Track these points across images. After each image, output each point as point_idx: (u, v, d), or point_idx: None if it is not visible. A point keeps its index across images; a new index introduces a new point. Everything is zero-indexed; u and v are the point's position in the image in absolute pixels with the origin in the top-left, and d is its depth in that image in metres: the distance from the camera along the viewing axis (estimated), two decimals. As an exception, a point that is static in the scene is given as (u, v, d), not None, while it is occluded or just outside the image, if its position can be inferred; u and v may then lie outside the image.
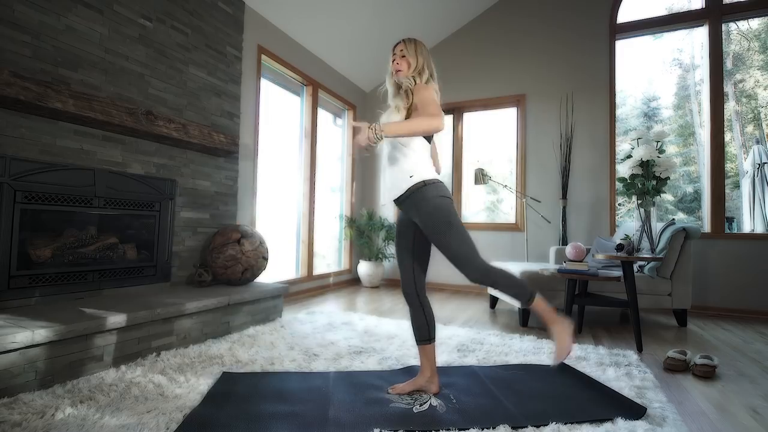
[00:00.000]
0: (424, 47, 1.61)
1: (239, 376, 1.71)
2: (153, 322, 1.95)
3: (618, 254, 2.40)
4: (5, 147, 1.85)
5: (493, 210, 6.38)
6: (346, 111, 4.95)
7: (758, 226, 4.41)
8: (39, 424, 1.22)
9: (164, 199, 2.56)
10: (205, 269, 2.66)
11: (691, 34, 8.95)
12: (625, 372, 1.86)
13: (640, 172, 2.71)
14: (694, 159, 9.54)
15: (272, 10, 3.45)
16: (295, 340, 2.27)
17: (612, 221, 3.92)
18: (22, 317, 1.67)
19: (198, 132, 2.64)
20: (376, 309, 3.35)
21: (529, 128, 4.34)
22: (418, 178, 1.48)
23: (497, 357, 2.08)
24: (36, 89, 1.82)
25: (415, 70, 1.57)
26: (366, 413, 1.39)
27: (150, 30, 2.51)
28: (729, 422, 1.43)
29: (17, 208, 1.87)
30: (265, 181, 3.59)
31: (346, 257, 4.88)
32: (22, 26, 1.91)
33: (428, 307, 1.62)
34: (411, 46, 1.59)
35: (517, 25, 4.44)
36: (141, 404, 1.40)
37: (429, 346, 1.60)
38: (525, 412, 1.42)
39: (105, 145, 2.26)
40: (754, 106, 8.62)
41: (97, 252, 2.25)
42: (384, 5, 3.88)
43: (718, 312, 3.51)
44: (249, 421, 1.31)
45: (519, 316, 2.87)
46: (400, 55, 1.59)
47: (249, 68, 3.33)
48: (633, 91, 10.32)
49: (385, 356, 2.04)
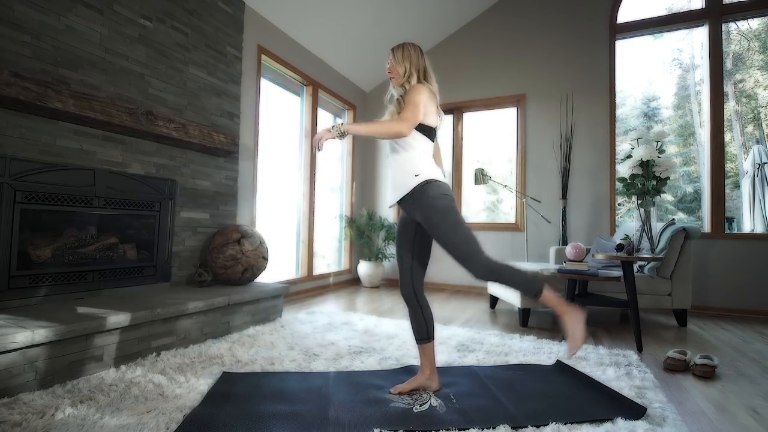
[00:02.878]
0: (412, 49, 1.61)
1: (239, 376, 1.71)
2: (153, 322, 1.95)
3: (618, 254, 2.40)
4: (5, 147, 1.85)
5: (493, 210, 6.38)
6: (346, 111, 4.95)
7: (758, 226, 4.42)
8: (39, 424, 1.22)
9: (164, 199, 2.56)
10: (205, 269, 2.66)
11: (691, 34, 8.96)
12: (625, 372, 1.86)
13: (640, 172, 2.71)
14: (694, 159, 9.54)
15: (272, 10, 3.45)
16: (295, 340, 2.27)
17: (612, 221, 3.92)
18: (22, 317, 1.67)
19: (198, 132, 2.64)
20: (376, 309, 3.35)
21: (529, 128, 4.34)
22: (422, 178, 1.49)
23: (497, 357, 2.08)
24: (36, 89, 1.82)
25: (404, 77, 1.59)
26: (366, 413, 1.39)
27: (150, 30, 2.51)
28: (729, 422, 1.43)
29: (17, 208, 1.87)
30: (265, 181, 3.59)
31: (346, 257, 4.88)
32: (22, 26, 1.90)
33: (426, 306, 1.62)
34: (398, 53, 1.61)
35: (516, 25, 4.44)
36: (141, 404, 1.40)
37: (428, 345, 1.61)
38: (525, 412, 1.42)
39: (105, 145, 2.26)
40: (754, 106, 8.62)
41: (97, 252, 2.25)
42: (384, 6, 3.88)
43: (718, 312, 3.51)
44: (249, 421, 1.31)
45: (519, 316, 2.87)
46: (390, 65, 1.63)
47: (249, 68, 3.33)
48: (633, 91, 10.33)
49: (385, 356, 2.04)
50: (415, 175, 1.50)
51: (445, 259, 1.48)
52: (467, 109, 4.72)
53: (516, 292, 1.40)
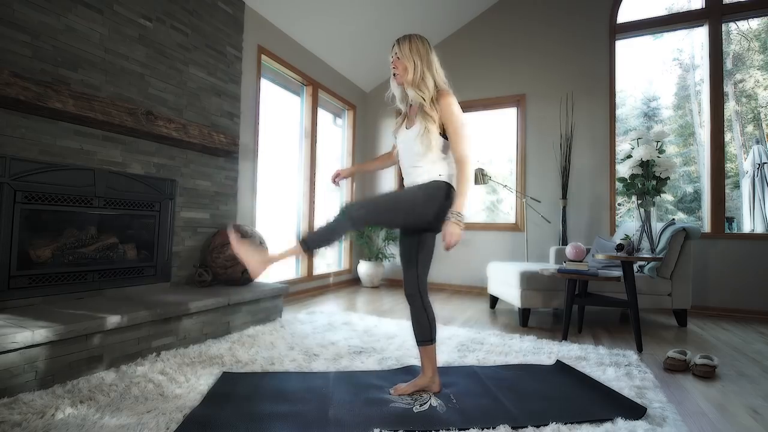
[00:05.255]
0: (420, 42, 1.52)
1: (239, 376, 1.71)
2: (153, 322, 1.95)
3: (618, 254, 2.40)
4: (5, 147, 1.84)
5: (493, 210, 6.38)
6: (346, 111, 4.95)
7: (758, 226, 4.42)
8: (39, 424, 1.22)
9: (164, 199, 2.56)
10: (205, 269, 2.66)
11: (691, 34, 8.96)
12: (625, 372, 1.86)
13: (640, 172, 2.71)
14: (694, 159, 9.54)
15: (272, 10, 3.45)
16: (295, 340, 2.27)
17: (612, 221, 3.92)
18: (22, 317, 1.67)
19: (198, 132, 2.64)
20: (376, 309, 3.35)
21: (529, 128, 4.34)
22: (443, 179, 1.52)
23: (497, 357, 2.08)
24: (36, 89, 1.82)
25: (416, 73, 1.51)
26: (366, 413, 1.39)
27: (150, 30, 2.51)
28: (729, 422, 1.43)
29: (17, 208, 1.87)
30: (265, 181, 3.59)
31: (346, 257, 4.88)
32: (22, 26, 1.90)
33: (430, 307, 1.60)
34: (404, 46, 1.51)
35: (516, 25, 4.44)
36: (141, 404, 1.40)
37: (431, 347, 1.58)
38: (525, 412, 1.42)
39: (105, 145, 2.26)
40: (754, 106, 8.62)
41: (97, 252, 2.25)
42: (384, 5, 3.88)
43: (718, 312, 3.51)
44: (249, 421, 1.31)
45: (519, 316, 2.87)
46: (395, 57, 1.54)
47: (249, 68, 3.33)
48: (633, 91, 10.33)
49: (385, 356, 2.04)
50: (439, 174, 1.52)
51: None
52: (467, 109, 4.71)
53: (317, 233, 1.42)
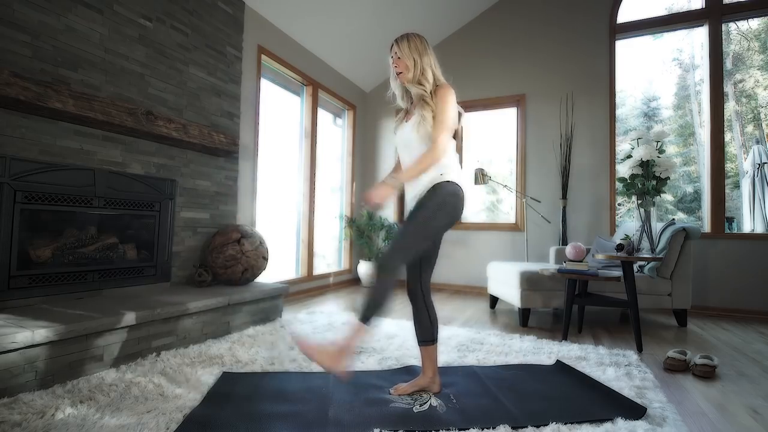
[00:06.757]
0: (418, 40, 1.55)
1: (239, 376, 1.71)
2: (153, 322, 1.95)
3: (618, 254, 2.40)
4: (5, 147, 1.84)
5: (493, 210, 6.38)
6: (346, 111, 4.95)
7: (758, 226, 4.42)
8: (39, 424, 1.22)
9: (164, 199, 2.56)
10: (205, 269, 2.66)
11: (691, 34, 8.96)
12: (625, 372, 1.86)
13: (640, 172, 2.71)
14: (694, 159, 9.54)
15: (272, 10, 3.45)
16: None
17: (612, 221, 3.92)
18: (22, 317, 1.67)
19: (198, 132, 2.64)
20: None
21: (529, 128, 4.34)
22: (445, 177, 1.50)
23: (497, 357, 2.08)
24: (36, 89, 1.82)
25: (417, 69, 1.53)
26: (366, 413, 1.39)
27: (150, 30, 2.51)
28: (729, 422, 1.43)
29: (17, 208, 1.87)
30: (265, 181, 3.59)
31: (346, 257, 4.88)
32: (22, 26, 1.90)
33: (432, 307, 1.60)
34: (404, 44, 1.53)
35: (516, 25, 4.44)
36: (141, 404, 1.40)
37: (432, 347, 1.58)
38: (525, 412, 1.42)
39: (105, 145, 2.26)
40: (754, 106, 8.62)
41: (97, 252, 2.25)
42: (384, 5, 3.88)
43: (718, 312, 3.51)
44: (249, 421, 1.31)
45: (519, 316, 2.87)
46: (396, 57, 1.55)
47: (249, 68, 3.33)
48: (633, 91, 10.33)
49: (385, 356, 2.03)
50: (440, 174, 1.50)
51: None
52: (467, 109, 4.71)
53: (368, 303, 1.36)
